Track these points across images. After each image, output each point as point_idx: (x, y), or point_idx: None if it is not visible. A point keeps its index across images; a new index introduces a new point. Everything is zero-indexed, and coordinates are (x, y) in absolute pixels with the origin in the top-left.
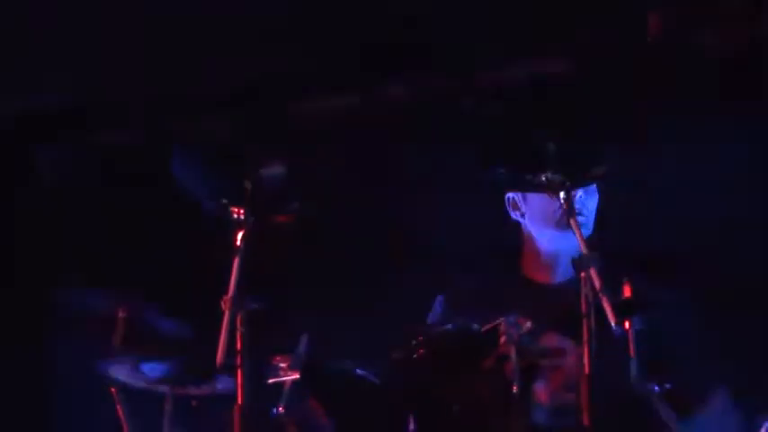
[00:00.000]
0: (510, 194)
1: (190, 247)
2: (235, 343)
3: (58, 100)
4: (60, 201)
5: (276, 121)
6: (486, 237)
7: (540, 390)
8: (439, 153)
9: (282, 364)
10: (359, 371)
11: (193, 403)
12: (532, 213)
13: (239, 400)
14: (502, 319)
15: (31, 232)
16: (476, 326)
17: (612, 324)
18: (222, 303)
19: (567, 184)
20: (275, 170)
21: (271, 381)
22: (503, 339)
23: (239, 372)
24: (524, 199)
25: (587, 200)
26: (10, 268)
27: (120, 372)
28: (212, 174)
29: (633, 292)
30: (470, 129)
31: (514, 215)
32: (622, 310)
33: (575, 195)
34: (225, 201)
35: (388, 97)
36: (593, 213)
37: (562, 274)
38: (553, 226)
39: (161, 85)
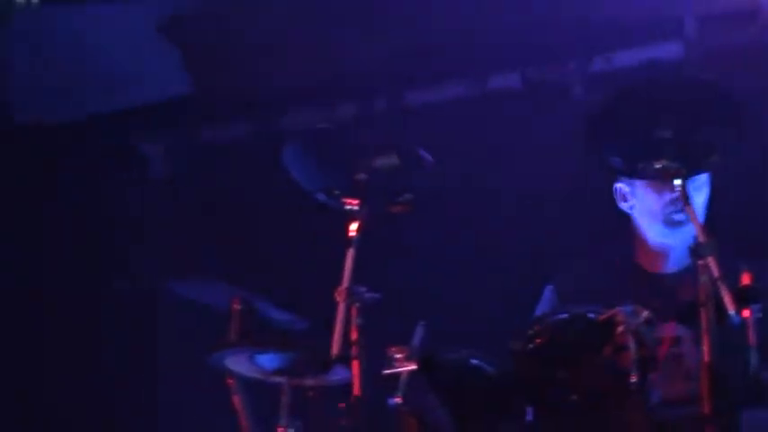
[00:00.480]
0: (618, 185)
1: (303, 239)
2: (350, 334)
3: (167, 92)
4: (171, 193)
5: (389, 111)
6: (597, 225)
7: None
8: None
9: (398, 355)
10: (475, 361)
11: (310, 394)
12: (640, 207)
13: (356, 392)
14: (618, 308)
15: (142, 225)
16: (592, 315)
17: (731, 313)
18: (336, 295)
19: (683, 172)
20: (389, 160)
21: (387, 372)
22: (620, 329)
23: (355, 363)
24: (633, 192)
25: (695, 195)
26: (123, 261)
27: (236, 363)
28: (324, 165)
29: (753, 279)
30: (582, 116)
31: (623, 206)
32: (741, 298)
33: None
34: (337, 192)
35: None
36: (702, 208)
37: (674, 264)
38: (661, 222)
39: (269, 77)
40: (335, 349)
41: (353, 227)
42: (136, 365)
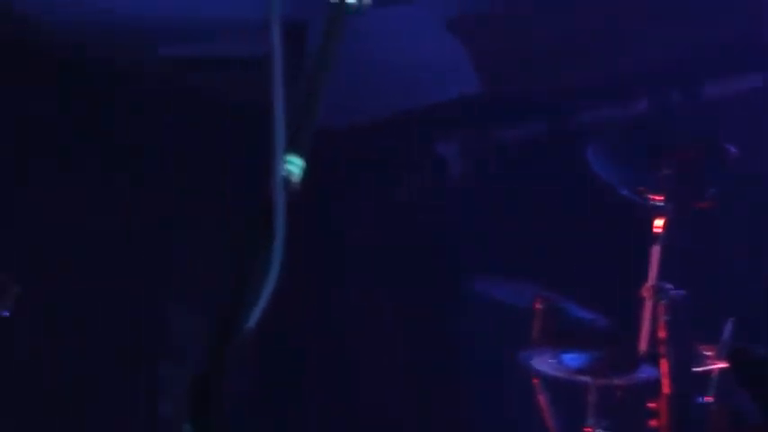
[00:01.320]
0: None
1: (605, 235)
2: (657, 332)
3: (457, 92)
4: (469, 192)
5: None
6: None
7: None
8: None
9: (708, 353)
10: None
11: (618, 394)
12: None
13: (665, 390)
14: None
15: (441, 226)
16: None
17: None
18: (643, 292)
19: None
20: (692, 155)
21: (697, 370)
22: None
23: (664, 361)
24: None
25: None
26: (421, 258)
27: (541, 363)
28: (629, 161)
29: None
30: None
31: None
32: None
33: None
34: (642, 188)
35: None
36: None
37: None
38: None
39: (563, 75)
40: (643, 347)
41: (659, 223)
42: (439, 364)
